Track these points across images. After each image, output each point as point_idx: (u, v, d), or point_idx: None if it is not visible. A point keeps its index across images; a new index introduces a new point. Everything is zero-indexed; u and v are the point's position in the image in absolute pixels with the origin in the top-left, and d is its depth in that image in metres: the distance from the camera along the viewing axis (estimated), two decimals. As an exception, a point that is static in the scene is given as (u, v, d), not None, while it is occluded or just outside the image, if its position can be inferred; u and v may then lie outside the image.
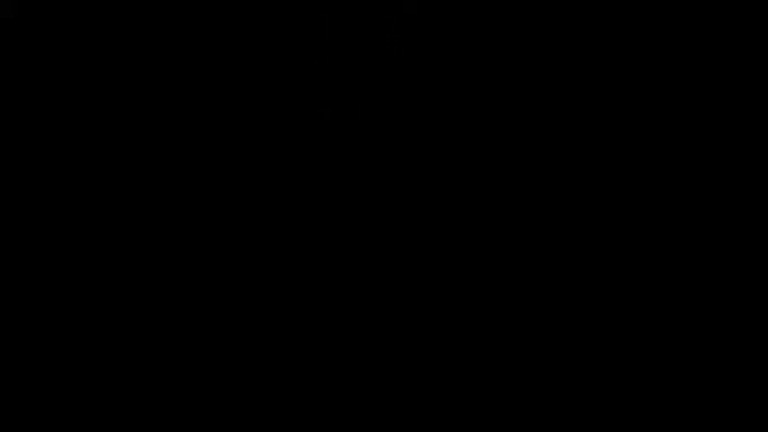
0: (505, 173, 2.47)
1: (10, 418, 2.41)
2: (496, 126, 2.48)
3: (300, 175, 2.49)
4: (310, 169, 2.49)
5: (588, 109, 2.47)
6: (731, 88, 2.46)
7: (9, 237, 2.47)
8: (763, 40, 2.46)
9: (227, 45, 2.51)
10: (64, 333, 2.44)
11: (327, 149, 2.49)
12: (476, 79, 2.50)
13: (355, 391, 2.42)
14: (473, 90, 2.49)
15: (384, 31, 2.50)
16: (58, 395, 2.42)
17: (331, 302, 2.45)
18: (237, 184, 2.48)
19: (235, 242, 2.47)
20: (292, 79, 2.51)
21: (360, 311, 2.45)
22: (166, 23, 2.51)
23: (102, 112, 2.51)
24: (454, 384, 2.42)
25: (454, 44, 2.50)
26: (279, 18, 2.52)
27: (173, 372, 2.43)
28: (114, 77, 2.51)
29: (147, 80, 2.51)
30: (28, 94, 2.51)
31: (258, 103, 2.51)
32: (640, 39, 2.48)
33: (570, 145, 2.47)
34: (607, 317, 2.43)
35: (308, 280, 2.46)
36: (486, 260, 2.45)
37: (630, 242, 2.44)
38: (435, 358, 2.43)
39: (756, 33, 2.46)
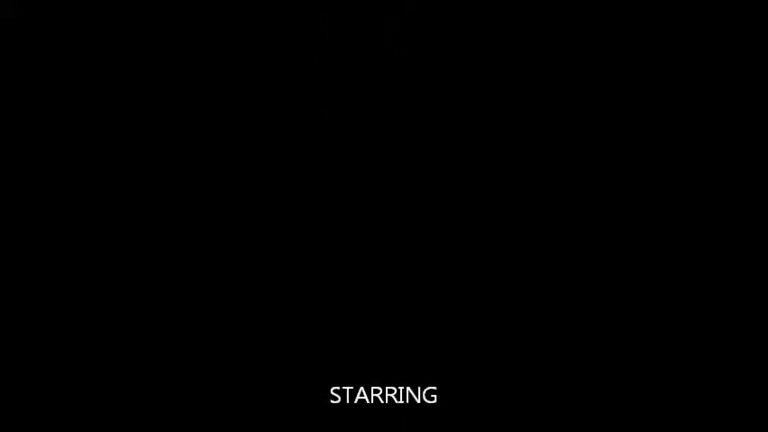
0: (504, 173, 2.47)
1: (10, 418, 2.41)
2: (496, 126, 2.49)
3: (300, 175, 2.49)
4: (310, 169, 2.49)
5: (587, 110, 2.48)
6: (731, 88, 2.47)
7: (9, 237, 2.47)
8: (763, 40, 2.46)
9: (228, 45, 2.52)
10: (64, 333, 2.45)
11: (327, 149, 2.50)
12: (475, 79, 2.50)
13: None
14: (472, 90, 2.50)
15: (384, 31, 2.50)
16: (57, 395, 2.43)
17: (330, 301, 2.46)
18: (238, 184, 2.49)
19: (235, 242, 2.47)
20: (292, 79, 2.51)
21: (358, 310, 2.45)
22: (166, 23, 2.51)
23: (102, 111, 2.51)
24: (453, 384, 2.42)
25: (454, 44, 2.50)
26: (279, 18, 2.52)
27: (172, 371, 2.43)
28: (114, 77, 2.51)
29: (147, 80, 2.51)
30: (28, 93, 2.51)
31: (258, 102, 2.51)
32: (639, 39, 2.48)
33: (569, 146, 2.47)
34: (600, 317, 2.43)
35: (308, 279, 2.46)
36: (485, 259, 2.45)
37: (628, 242, 2.45)
38: (435, 358, 2.43)
39: (756, 33, 2.46)
